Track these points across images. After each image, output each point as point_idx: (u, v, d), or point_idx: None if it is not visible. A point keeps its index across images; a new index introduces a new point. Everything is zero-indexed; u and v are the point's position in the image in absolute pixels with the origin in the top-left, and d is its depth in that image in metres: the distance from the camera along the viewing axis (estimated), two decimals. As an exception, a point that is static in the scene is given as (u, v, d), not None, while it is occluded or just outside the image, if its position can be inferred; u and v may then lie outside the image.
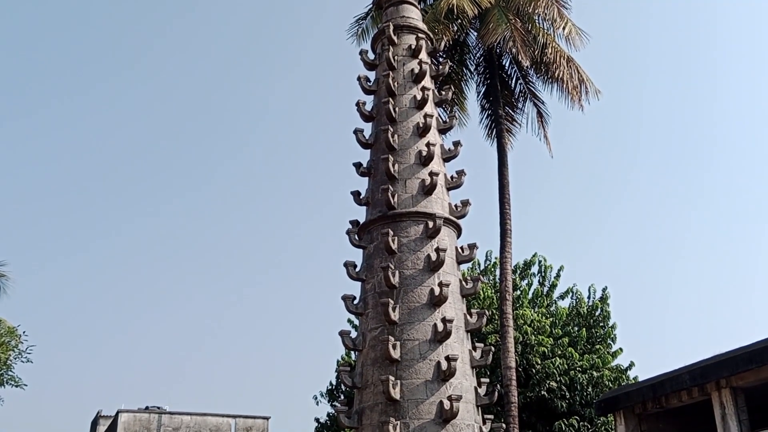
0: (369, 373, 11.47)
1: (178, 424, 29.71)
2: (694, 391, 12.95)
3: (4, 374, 17.54)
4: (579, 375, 21.14)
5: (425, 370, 11.17)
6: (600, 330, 23.88)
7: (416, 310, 11.63)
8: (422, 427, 10.74)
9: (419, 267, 11.96)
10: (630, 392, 14.53)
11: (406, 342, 11.36)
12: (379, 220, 12.45)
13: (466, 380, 11.48)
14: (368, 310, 12.04)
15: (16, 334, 17.70)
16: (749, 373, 11.83)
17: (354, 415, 11.47)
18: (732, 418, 12.19)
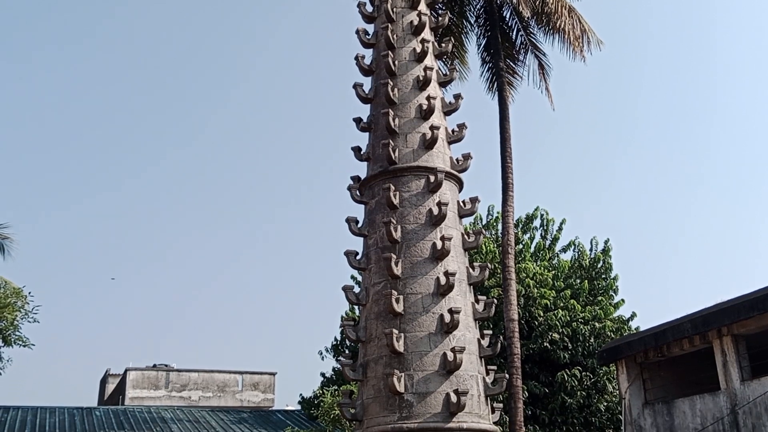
0: (373, 327, 11.59)
1: (185, 381, 30.14)
2: (695, 339, 13.08)
3: (12, 334, 17.73)
4: (581, 326, 21.34)
5: (428, 323, 11.26)
6: (602, 282, 24.03)
7: (419, 264, 11.68)
8: (426, 379, 10.87)
9: (421, 221, 11.97)
10: (632, 341, 14.68)
11: (409, 296, 11.44)
12: (380, 175, 12.43)
13: (469, 332, 11.58)
14: (371, 265, 12.09)
15: (22, 294, 17.85)
16: (751, 320, 11.92)
17: (358, 368, 11.61)
18: (733, 365, 12.33)
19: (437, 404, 10.73)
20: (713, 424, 12.62)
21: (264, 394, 31.67)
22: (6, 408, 22.32)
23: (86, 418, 22.08)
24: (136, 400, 28.26)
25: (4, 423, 20.54)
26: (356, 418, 11.44)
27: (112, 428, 21.09)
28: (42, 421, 21.23)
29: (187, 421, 22.94)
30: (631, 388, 14.51)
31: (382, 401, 10.93)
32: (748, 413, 12.04)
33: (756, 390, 11.88)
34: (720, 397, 12.61)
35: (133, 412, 24.02)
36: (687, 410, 13.20)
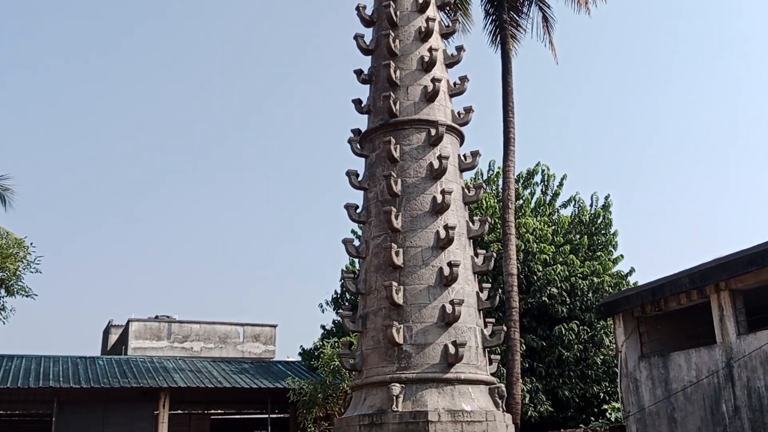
0: (372, 280, 11.66)
1: (187, 332, 30.46)
2: (693, 294, 13.15)
3: (14, 284, 17.88)
4: (579, 281, 21.47)
5: (428, 275, 11.33)
6: (601, 237, 24.09)
7: (419, 217, 11.69)
8: (425, 330, 10.99)
9: (421, 175, 11.95)
10: (629, 296, 14.77)
11: (408, 249, 11.48)
12: (380, 128, 12.36)
13: (467, 285, 11.66)
14: (371, 218, 12.11)
15: (24, 245, 17.93)
16: (749, 275, 11.97)
17: (358, 320, 11.72)
18: (729, 320, 12.43)
19: (435, 355, 10.86)
20: (708, 377, 12.78)
21: (265, 346, 32.05)
22: (10, 356, 22.63)
23: (89, 367, 22.39)
24: (138, 351, 28.62)
25: (8, 371, 20.85)
26: (356, 368, 11.60)
27: (115, 377, 21.40)
28: (46, 369, 21.54)
29: (189, 371, 23.26)
30: (628, 341, 14.66)
31: (381, 352, 11.07)
32: (743, 366, 12.18)
33: (752, 344, 12.00)
34: (716, 350, 12.75)
35: (136, 361, 24.34)
36: (682, 363, 13.36)
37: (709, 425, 12.70)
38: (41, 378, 20.35)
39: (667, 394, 13.58)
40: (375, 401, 10.81)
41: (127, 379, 21.28)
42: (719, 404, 12.53)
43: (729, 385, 12.36)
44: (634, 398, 14.40)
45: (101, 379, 21.04)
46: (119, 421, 20.49)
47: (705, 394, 12.80)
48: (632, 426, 14.34)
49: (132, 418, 20.77)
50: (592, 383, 20.67)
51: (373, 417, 10.51)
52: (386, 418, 10.35)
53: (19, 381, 19.80)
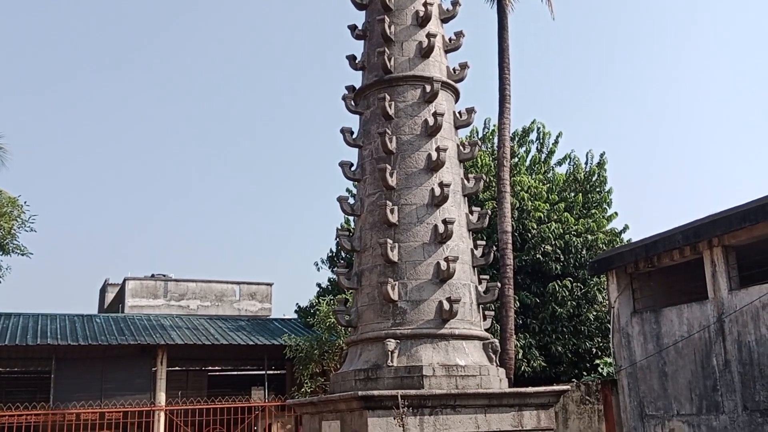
0: (367, 237, 11.67)
1: (183, 290, 30.65)
2: (686, 250, 13.23)
3: (9, 243, 17.89)
4: (574, 239, 21.59)
5: (422, 233, 11.34)
6: (596, 195, 24.16)
7: (413, 175, 11.65)
8: (420, 287, 11.05)
9: (416, 132, 11.87)
10: (623, 252, 14.85)
11: (403, 206, 11.47)
12: (375, 84, 12.23)
13: (462, 242, 11.69)
14: (366, 176, 12.07)
15: (18, 204, 17.88)
16: (742, 231, 12.02)
17: (353, 277, 11.77)
18: (722, 275, 12.53)
19: (430, 311, 10.94)
20: (699, 332, 12.94)
21: (261, 304, 32.28)
22: (8, 315, 22.77)
23: (87, 325, 22.56)
24: (135, 309, 28.81)
25: (6, 329, 21.00)
26: (351, 325, 11.69)
27: (112, 334, 21.58)
28: (44, 327, 21.69)
29: (186, 329, 23.46)
30: (621, 297, 14.79)
31: (377, 308, 11.14)
32: (734, 321, 12.32)
33: (743, 299, 12.12)
34: (707, 306, 12.88)
35: (133, 319, 24.53)
36: (674, 318, 13.50)
37: (699, 379, 12.90)
38: (39, 335, 20.51)
39: (658, 348, 13.77)
40: (370, 356, 10.92)
41: (125, 336, 21.46)
42: (710, 358, 12.71)
43: (720, 340, 12.52)
44: (625, 353, 14.59)
45: (99, 336, 21.22)
46: (118, 377, 20.73)
47: (696, 348, 12.98)
48: (623, 380, 14.56)
49: (130, 374, 21.01)
50: (584, 339, 20.94)
51: (368, 372, 10.62)
52: (381, 373, 10.47)
53: (17, 338, 19.96)
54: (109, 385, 20.48)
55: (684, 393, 13.20)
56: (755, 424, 11.85)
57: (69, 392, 19.98)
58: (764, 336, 11.74)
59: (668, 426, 13.49)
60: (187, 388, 25.45)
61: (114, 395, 20.37)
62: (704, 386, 12.82)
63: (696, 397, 12.98)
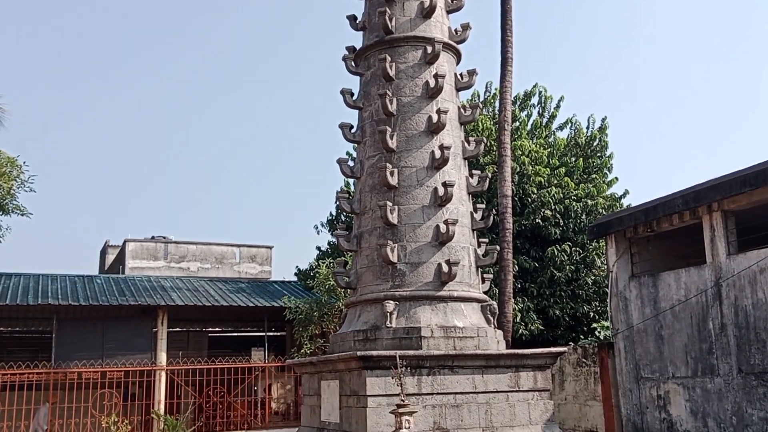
0: (367, 200, 11.68)
1: (184, 252, 30.71)
2: (685, 215, 13.23)
3: (9, 203, 17.87)
4: (573, 203, 21.58)
5: (422, 195, 11.34)
6: (597, 160, 24.08)
7: (414, 137, 11.61)
8: (419, 249, 11.08)
9: (417, 94, 11.80)
10: (622, 217, 14.86)
11: (403, 169, 11.45)
12: (375, 45, 12.13)
13: (462, 205, 11.69)
14: (366, 138, 12.03)
15: (17, 164, 17.83)
16: (742, 196, 12.01)
17: (353, 239, 11.81)
18: (720, 240, 12.55)
19: (429, 274, 11.00)
20: (696, 296, 13.00)
21: (261, 267, 32.38)
22: (8, 275, 22.87)
23: (87, 285, 22.67)
24: (135, 271, 28.92)
25: (7, 289, 21.11)
26: (350, 286, 11.76)
27: (113, 295, 21.69)
28: (44, 287, 21.80)
29: (186, 290, 23.58)
30: (619, 261, 14.84)
31: (376, 270, 11.20)
32: (731, 286, 12.38)
33: (741, 263, 12.15)
34: (705, 270, 12.93)
35: (133, 280, 24.64)
36: (672, 282, 13.56)
37: (695, 342, 13.01)
38: (40, 295, 20.62)
39: (655, 312, 13.85)
40: (369, 318, 11.01)
41: (126, 297, 21.58)
42: (706, 322, 12.80)
43: (717, 304, 12.59)
44: (623, 316, 14.69)
45: (99, 296, 21.33)
46: (118, 337, 20.89)
47: (693, 312, 13.06)
48: (620, 343, 14.68)
49: (131, 335, 21.17)
50: (582, 303, 21.06)
51: (367, 333, 10.72)
52: (380, 334, 10.56)
53: (18, 298, 20.07)
54: (110, 345, 20.65)
55: (680, 356, 13.32)
56: (749, 387, 11.98)
57: (70, 351, 20.17)
58: (761, 300, 11.80)
59: (663, 388, 13.65)
60: (187, 348, 25.69)
61: (115, 355, 20.56)
62: (700, 349, 12.93)
63: (691, 360, 13.11)
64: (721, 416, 12.42)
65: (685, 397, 13.15)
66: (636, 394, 14.18)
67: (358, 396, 9.79)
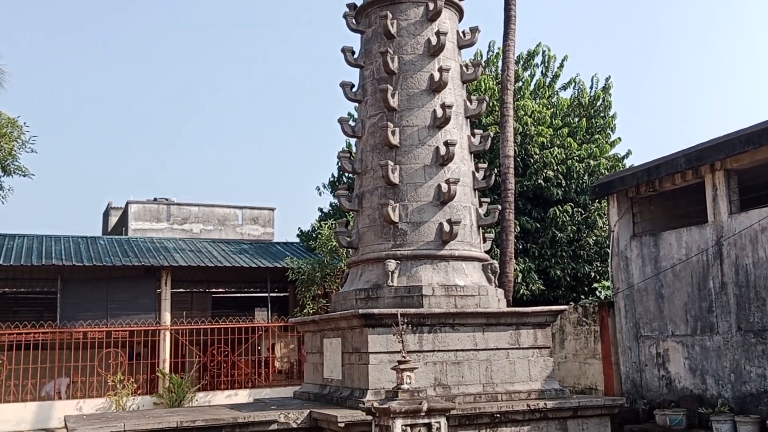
0: (368, 159, 11.66)
1: (186, 214, 30.78)
2: (688, 174, 13.19)
3: (11, 164, 17.86)
4: (576, 164, 21.52)
5: (424, 155, 11.32)
6: (600, 120, 23.94)
7: (415, 96, 11.54)
8: (420, 209, 11.10)
9: (419, 52, 11.70)
10: (625, 176, 14.82)
11: (405, 128, 11.41)
12: (377, 2, 11.98)
13: (464, 165, 11.68)
14: (367, 97, 11.96)
15: (17, 125, 17.77)
16: (745, 155, 11.95)
17: (354, 199, 11.82)
18: (722, 199, 12.53)
19: (430, 233, 11.03)
20: (697, 255, 13.04)
21: (264, 228, 32.48)
22: (12, 236, 22.96)
23: (91, 246, 22.76)
24: (138, 232, 29.02)
25: (11, 249, 21.21)
26: (352, 246, 11.81)
27: (116, 256, 21.80)
28: (48, 248, 21.90)
29: (189, 251, 23.67)
30: (621, 221, 14.85)
31: (377, 230, 11.23)
32: (732, 245, 12.40)
33: (743, 222, 12.15)
34: (706, 229, 12.93)
35: (137, 241, 24.73)
36: (673, 242, 13.58)
37: (695, 300, 13.08)
38: (44, 256, 20.72)
39: (656, 271, 13.90)
40: (371, 277, 11.08)
41: (129, 258, 21.68)
42: (707, 281, 12.85)
43: (717, 263, 12.63)
44: (623, 276, 14.75)
45: (103, 257, 21.43)
46: (123, 298, 21.04)
47: (693, 271, 13.10)
48: (620, 302, 14.77)
49: (135, 295, 21.32)
50: (583, 263, 21.13)
51: (369, 291, 10.79)
52: (382, 293, 10.64)
53: (22, 259, 20.16)
54: (114, 305, 20.81)
55: (679, 314, 13.41)
56: (748, 344, 12.08)
57: (75, 312, 20.34)
58: (761, 259, 11.83)
59: (662, 346, 13.77)
60: (191, 309, 25.89)
61: (119, 315, 20.75)
62: (700, 308, 13.01)
63: (691, 318, 13.20)
64: (720, 373, 12.55)
65: (684, 355, 13.27)
66: (635, 352, 14.32)
67: (360, 353, 9.90)
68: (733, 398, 12.18)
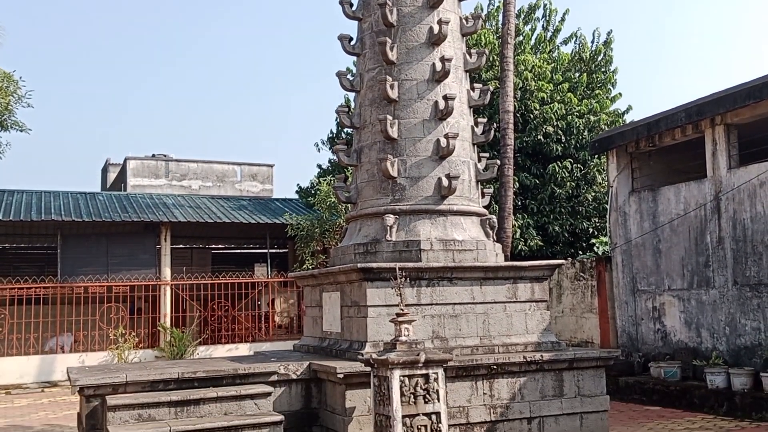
0: (367, 114, 11.57)
1: (185, 170, 30.72)
2: (688, 129, 13.14)
3: (7, 119, 17.76)
4: (576, 120, 21.42)
5: (423, 109, 11.23)
6: (601, 75, 23.76)
7: (415, 49, 11.40)
8: (419, 164, 11.06)
9: (418, 4, 11.51)
10: (624, 131, 14.77)
11: (404, 82, 11.29)
12: (373, -48, 11.72)
13: (463, 119, 11.60)
14: (365, 51, 11.81)
15: (13, 79, 17.60)
16: (745, 109, 11.89)
17: (353, 154, 11.77)
18: (722, 154, 12.51)
19: (429, 188, 11.01)
20: (695, 210, 13.07)
21: (262, 185, 32.46)
22: (11, 191, 22.96)
23: (90, 202, 22.78)
24: (137, 189, 29.00)
25: (10, 205, 21.22)
26: (350, 201, 11.80)
27: (116, 212, 21.82)
28: (47, 203, 21.92)
29: (188, 207, 23.71)
30: (620, 177, 14.84)
31: (376, 185, 11.21)
32: (730, 199, 12.42)
33: (742, 177, 12.15)
34: (705, 184, 12.94)
35: (136, 197, 24.75)
36: (671, 197, 13.60)
37: (692, 255, 13.16)
38: (43, 211, 20.75)
39: (654, 226, 13.96)
40: (369, 231, 11.09)
41: (128, 213, 21.72)
42: (704, 235, 12.91)
43: (715, 218, 12.67)
44: (621, 231, 14.81)
45: (102, 213, 21.47)
46: (123, 253, 21.16)
47: (691, 226, 13.15)
48: (618, 257, 14.86)
49: (135, 251, 21.43)
50: (582, 219, 21.20)
51: (367, 246, 10.82)
52: (380, 247, 10.67)
53: (21, 214, 20.19)
54: (114, 260, 20.93)
55: (676, 269, 13.50)
56: (744, 298, 12.19)
57: (75, 267, 20.47)
58: (759, 213, 11.86)
59: (659, 300, 13.90)
60: (191, 265, 26.06)
61: (120, 270, 20.87)
62: (696, 262, 13.10)
63: (688, 272, 13.29)
64: (715, 326, 12.69)
65: (680, 309, 13.40)
66: (632, 306, 14.46)
67: (359, 306, 9.98)
68: (728, 351, 12.35)
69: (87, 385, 8.13)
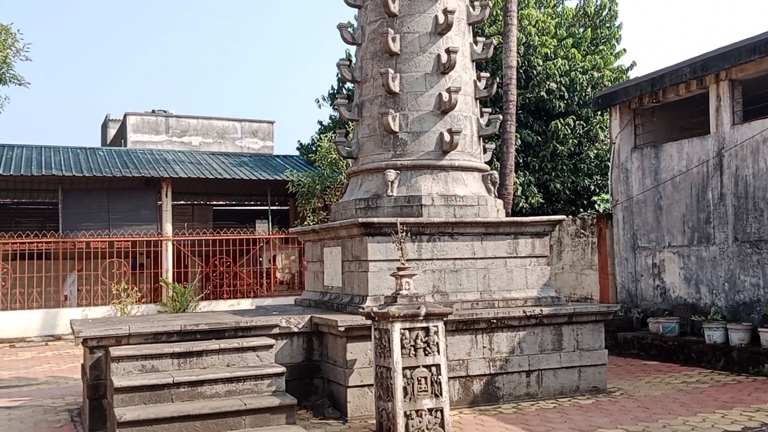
0: (368, 67, 11.46)
1: (185, 127, 30.59)
2: (692, 84, 13.01)
3: (5, 72, 17.60)
4: (579, 76, 21.22)
5: (425, 63, 11.11)
6: (605, 30, 23.45)
7: (417, 0, 11.23)
8: (421, 118, 10.99)
9: (420, -45, 11.30)
10: (628, 87, 14.63)
11: (406, 35, 11.15)
12: None
13: (465, 73, 11.48)
14: (367, 2, 11.64)
15: (10, 32, 17.39)
16: (750, 64, 11.76)
17: (354, 108, 11.69)
18: (726, 110, 12.41)
19: (431, 143, 10.96)
20: (697, 166, 13.02)
21: (263, 142, 32.36)
22: (11, 146, 22.89)
23: (90, 157, 22.73)
24: (137, 144, 28.92)
25: (10, 160, 21.19)
26: (351, 156, 11.76)
27: (116, 167, 21.79)
28: (47, 158, 21.87)
29: (189, 163, 23.66)
30: (622, 133, 14.75)
31: (377, 140, 11.16)
32: (733, 156, 12.36)
33: (745, 133, 12.07)
34: (708, 140, 12.87)
35: (136, 153, 24.68)
36: (674, 153, 13.54)
37: (693, 212, 13.16)
38: (44, 166, 20.72)
39: (655, 183, 13.93)
40: (371, 186, 11.08)
41: (129, 169, 21.69)
42: (706, 192, 12.89)
43: (717, 174, 12.63)
44: (623, 188, 14.79)
45: (103, 168, 21.44)
46: (124, 208, 21.19)
47: (693, 182, 13.13)
48: (618, 214, 14.86)
49: (136, 206, 21.46)
50: (583, 176, 21.16)
51: (369, 201, 10.82)
52: (381, 202, 10.67)
53: (21, 169, 20.17)
54: (116, 215, 20.97)
55: (677, 226, 13.51)
56: (744, 254, 12.23)
57: (77, 222, 20.52)
58: (762, 170, 11.82)
59: (659, 257, 13.94)
60: (192, 221, 26.11)
61: (121, 225, 20.93)
62: (697, 219, 13.10)
63: (688, 229, 13.31)
64: (714, 283, 12.76)
65: (680, 265, 13.46)
66: (632, 263, 14.52)
67: (360, 261, 10.02)
68: (726, 307, 12.43)
69: (91, 337, 8.22)
